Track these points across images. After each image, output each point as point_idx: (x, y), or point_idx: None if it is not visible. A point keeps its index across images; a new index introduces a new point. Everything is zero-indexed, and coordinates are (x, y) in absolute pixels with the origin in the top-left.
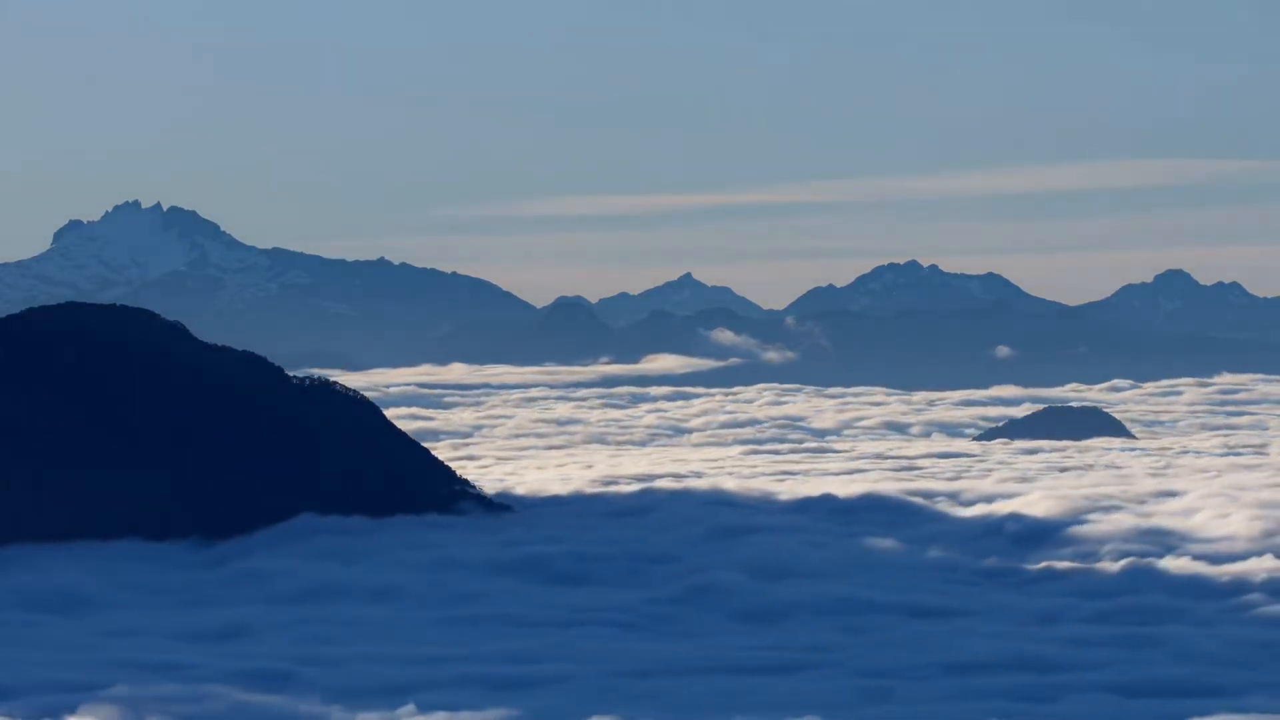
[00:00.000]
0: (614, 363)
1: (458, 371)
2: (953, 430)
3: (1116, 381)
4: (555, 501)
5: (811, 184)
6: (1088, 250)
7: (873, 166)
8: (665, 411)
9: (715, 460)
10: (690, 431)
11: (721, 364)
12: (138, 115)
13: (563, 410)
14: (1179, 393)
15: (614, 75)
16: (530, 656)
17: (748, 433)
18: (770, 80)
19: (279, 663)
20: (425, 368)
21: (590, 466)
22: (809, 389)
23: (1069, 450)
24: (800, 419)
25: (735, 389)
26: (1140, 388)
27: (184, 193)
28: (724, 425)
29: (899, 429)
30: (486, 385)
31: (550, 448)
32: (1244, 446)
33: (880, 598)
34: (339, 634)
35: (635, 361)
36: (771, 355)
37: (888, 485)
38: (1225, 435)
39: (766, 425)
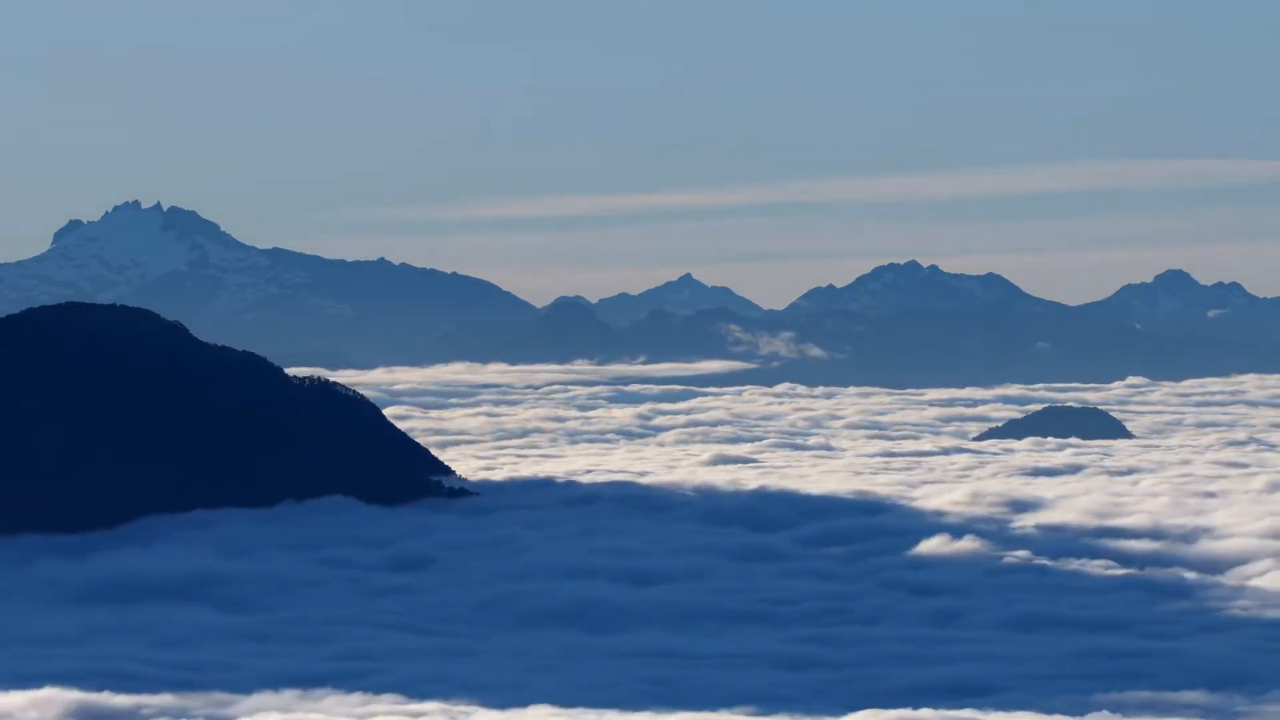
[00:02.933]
0: (619, 363)
1: (457, 371)
2: (950, 431)
3: (1116, 381)
4: (523, 498)
5: (811, 184)
6: (1088, 250)
7: (873, 167)
8: (669, 413)
9: (678, 459)
10: (670, 429)
11: (758, 366)
12: (138, 115)
13: (561, 410)
14: (1179, 392)
15: (613, 76)
16: (364, 654)
17: (724, 432)
18: (770, 80)
19: (126, 663)
20: (425, 368)
21: (542, 461)
22: (802, 389)
23: (1062, 451)
24: (790, 418)
25: (730, 389)
26: (1140, 387)
27: (184, 193)
28: (713, 425)
29: (896, 429)
30: (486, 385)
31: (548, 446)
32: (1239, 446)
33: (729, 603)
34: (189, 636)
35: (634, 362)
36: (780, 356)
37: (856, 485)
38: (1222, 434)
39: (754, 425)
